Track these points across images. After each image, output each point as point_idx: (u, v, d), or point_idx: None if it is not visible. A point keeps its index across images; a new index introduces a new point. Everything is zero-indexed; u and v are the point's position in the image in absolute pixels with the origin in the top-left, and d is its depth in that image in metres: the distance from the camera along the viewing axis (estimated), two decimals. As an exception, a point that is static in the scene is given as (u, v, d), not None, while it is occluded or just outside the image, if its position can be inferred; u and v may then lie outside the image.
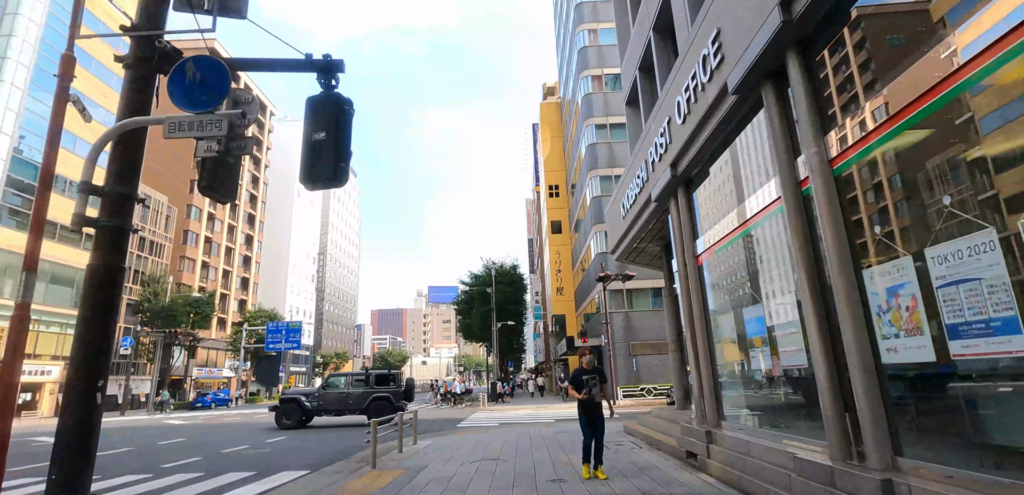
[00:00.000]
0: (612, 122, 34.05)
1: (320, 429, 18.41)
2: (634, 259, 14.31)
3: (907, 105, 3.89)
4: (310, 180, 3.89)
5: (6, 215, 35.08)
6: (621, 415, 19.86)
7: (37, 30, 36.72)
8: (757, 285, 6.69)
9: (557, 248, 47.34)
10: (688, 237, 8.62)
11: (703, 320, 8.20)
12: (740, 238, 7.13)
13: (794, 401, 6.04)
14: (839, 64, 4.82)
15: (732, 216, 7.29)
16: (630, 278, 24.81)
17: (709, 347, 8.09)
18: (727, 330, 7.67)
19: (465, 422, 19.96)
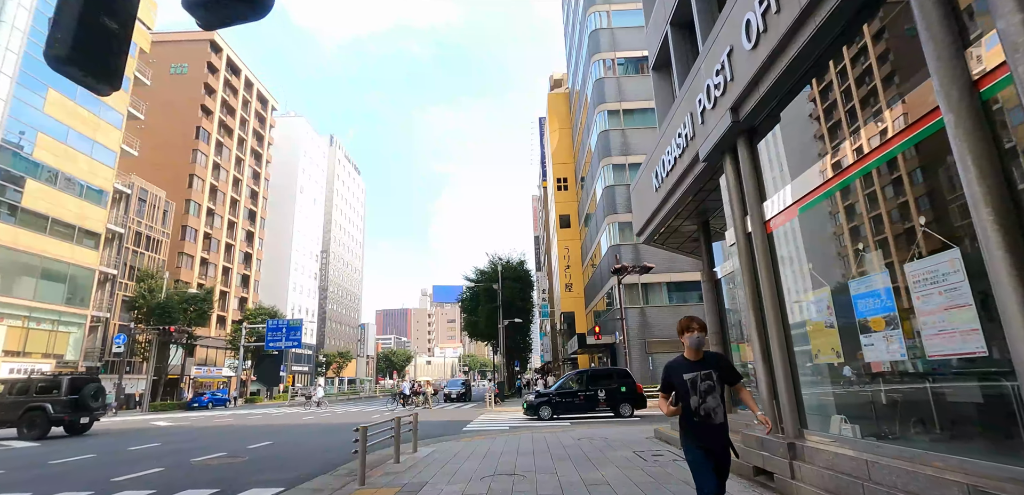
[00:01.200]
0: (626, 108, 32.30)
1: (311, 432, 16.82)
2: (664, 241, 12.59)
3: None
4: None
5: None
6: (641, 417, 18.38)
7: (27, 15, 35.39)
8: (876, 246, 4.98)
9: (566, 243, 45.61)
10: (752, 200, 6.90)
11: (777, 302, 6.47)
12: (837, 190, 5.42)
13: (951, 402, 4.33)
14: None
15: (822, 167, 5.58)
16: (648, 270, 23.10)
17: (785, 336, 6.37)
18: (815, 312, 5.94)
19: (472, 424, 18.31)
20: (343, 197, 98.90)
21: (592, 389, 19.47)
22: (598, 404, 19.13)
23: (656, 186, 10.58)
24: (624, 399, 19.16)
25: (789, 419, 6.13)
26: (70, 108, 38.65)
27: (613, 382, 19.71)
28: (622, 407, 19.10)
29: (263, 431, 17.42)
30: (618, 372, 20.51)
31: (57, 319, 37.36)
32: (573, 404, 19.29)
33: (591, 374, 20.57)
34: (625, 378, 19.81)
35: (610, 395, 19.23)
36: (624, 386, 19.46)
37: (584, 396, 19.40)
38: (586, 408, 19.30)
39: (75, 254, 38.52)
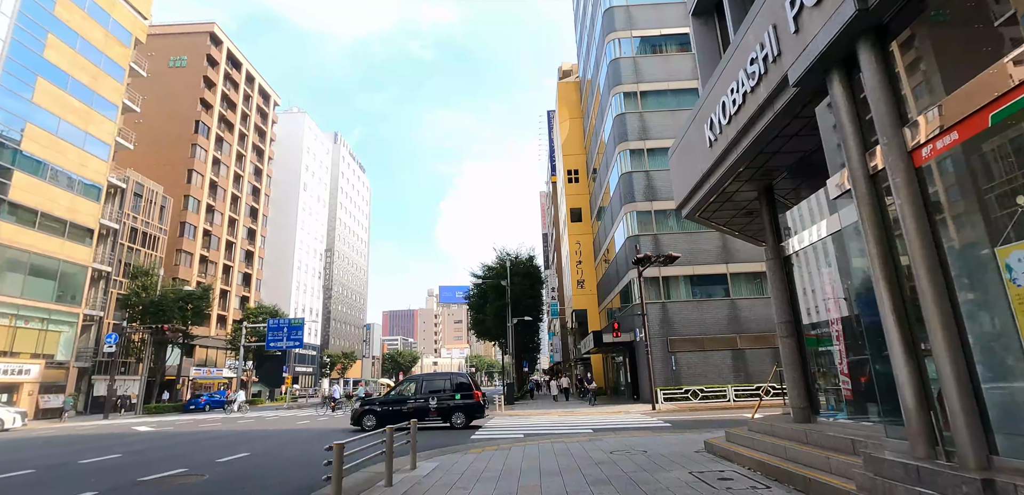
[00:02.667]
0: (643, 89, 30.18)
1: (300, 439, 14.89)
2: (711, 214, 10.53)
3: None
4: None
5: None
6: (674, 423, 16.31)
7: (13, 2, 33.85)
8: None
9: (577, 237, 43.54)
10: (886, 124, 4.82)
11: (935, 264, 4.40)
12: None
13: None
14: None
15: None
16: (673, 260, 21.00)
17: (955, 317, 4.30)
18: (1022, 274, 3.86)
19: (482, 431, 16.30)
20: (348, 195, 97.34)
21: (422, 398, 17.76)
22: (429, 413, 17.45)
23: (711, 141, 8.51)
24: (457, 409, 17.46)
25: (968, 442, 4.05)
26: (61, 98, 37.12)
27: (448, 390, 18.01)
28: (454, 417, 17.39)
29: (247, 438, 15.54)
30: (455, 378, 18.76)
31: (47, 318, 35.79)
32: (401, 413, 17.38)
33: (424, 380, 18.82)
34: (462, 386, 18.04)
35: (442, 404, 17.58)
36: (459, 394, 17.78)
37: (414, 405, 17.60)
38: (416, 416, 17.67)
39: (66, 250, 36.96)
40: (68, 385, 36.98)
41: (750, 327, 25.81)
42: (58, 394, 35.96)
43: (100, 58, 40.96)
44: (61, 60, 37.32)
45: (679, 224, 27.82)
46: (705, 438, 10.23)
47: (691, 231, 27.47)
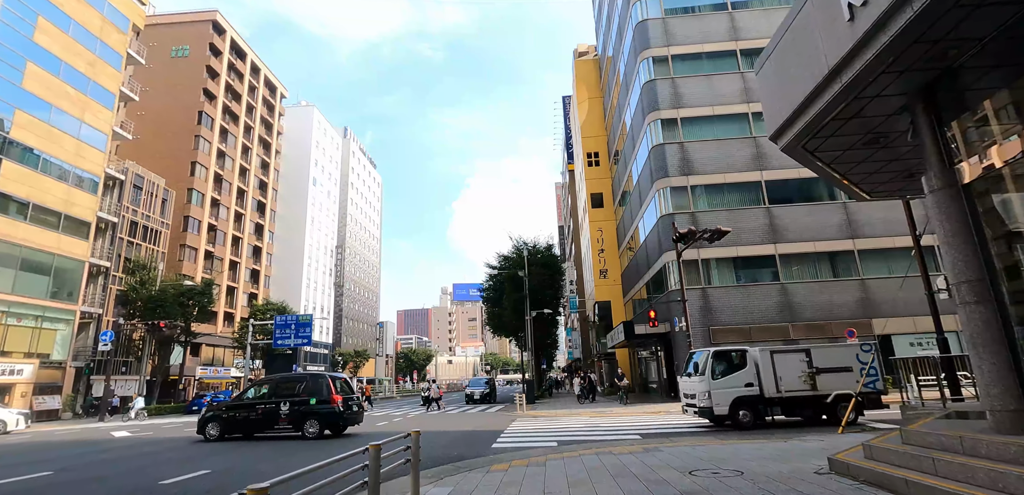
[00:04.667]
0: (675, 52, 27.20)
1: (284, 451, 12.32)
2: (824, 142, 7.67)
3: None
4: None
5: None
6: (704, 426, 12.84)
7: (0, -21, 32.01)
8: None
9: (599, 224, 40.65)
10: None
11: None
12: None
13: None
14: None
15: None
16: (721, 235, 18.06)
17: None
18: None
19: (504, 437, 13.58)
20: (359, 191, 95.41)
21: (273, 402, 15.09)
22: (278, 420, 14.91)
23: (852, 7, 5.63)
24: (311, 415, 14.72)
25: None
26: (53, 84, 35.27)
27: (301, 393, 15.21)
28: (307, 424, 14.64)
29: (220, 450, 13.05)
30: (310, 379, 15.91)
31: (41, 315, 33.96)
32: (248, 420, 15.12)
33: (277, 383, 16.13)
34: (317, 388, 15.21)
35: (294, 409, 14.84)
36: (314, 398, 14.95)
37: (263, 410, 15.09)
38: (263, 425, 15.09)
39: (61, 244, 35.13)
40: (65, 386, 35.19)
41: (804, 315, 22.73)
42: (54, 395, 34.18)
43: (96, 44, 39.10)
44: (53, 45, 35.48)
45: (715, 201, 24.79)
46: (825, 454, 7.37)
47: (733, 208, 24.46)
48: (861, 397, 13.11)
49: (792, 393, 13.35)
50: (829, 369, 13.39)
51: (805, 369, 13.40)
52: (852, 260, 23.43)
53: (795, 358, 13.55)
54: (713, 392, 13.41)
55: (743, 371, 13.57)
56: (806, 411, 13.48)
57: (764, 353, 13.64)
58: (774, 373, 13.37)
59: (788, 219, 24.07)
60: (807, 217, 24.01)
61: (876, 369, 13.45)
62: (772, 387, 13.37)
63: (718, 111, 26.07)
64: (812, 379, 13.33)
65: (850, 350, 13.78)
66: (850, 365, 13.46)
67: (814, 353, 13.56)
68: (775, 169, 24.84)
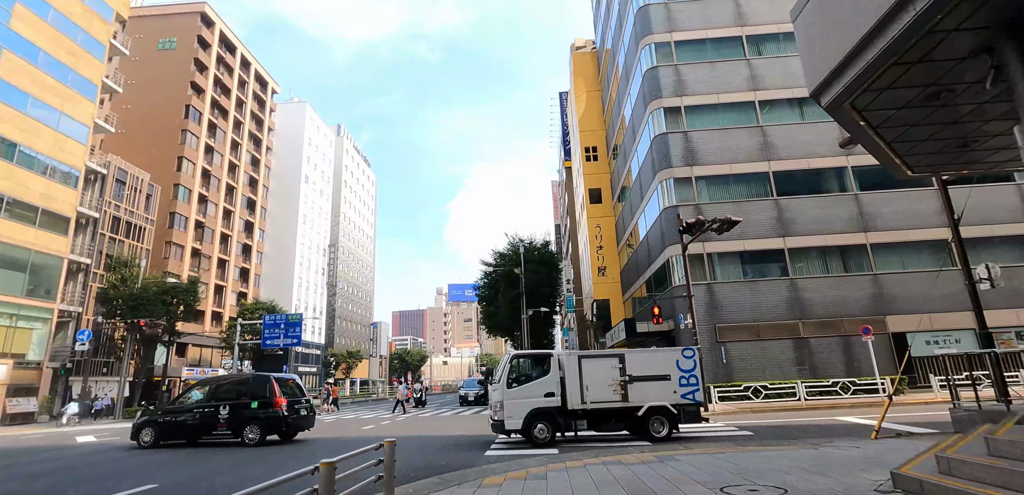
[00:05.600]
0: (678, 38, 26.11)
1: (241, 460, 11.09)
2: (876, 98, 6.50)
3: None
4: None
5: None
6: (754, 429, 10.26)
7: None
8: None
9: (597, 220, 39.52)
10: None
11: None
12: None
13: None
14: None
15: None
16: (732, 225, 16.91)
17: None
18: None
19: (498, 444, 12.34)
20: (352, 189, 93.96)
21: (212, 405, 14.04)
22: (216, 425, 13.88)
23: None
24: (251, 419, 13.71)
25: None
26: (31, 73, 33.83)
27: (242, 395, 14.19)
28: (247, 430, 13.61)
29: (176, 460, 11.79)
30: (253, 381, 14.88)
31: (16, 313, 32.49)
32: (185, 425, 14.08)
33: (218, 384, 15.04)
34: (260, 391, 14.16)
35: (234, 414, 13.81)
36: (256, 401, 13.93)
37: (200, 415, 14.02)
38: (200, 430, 13.98)
39: (39, 239, 33.68)
40: (41, 387, 33.72)
41: (814, 312, 21.64)
42: (29, 397, 32.71)
43: (77, 33, 37.66)
44: (30, 32, 34.04)
45: (721, 193, 23.69)
46: (871, 464, 6.21)
47: (740, 200, 23.36)
48: (677, 409, 11.76)
49: (599, 404, 11.84)
50: (644, 377, 11.95)
51: (617, 377, 11.93)
52: (864, 254, 22.37)
53: (607, 365, 12.09)
54: (507, 403, 11.82)
55: (544, 379, 12.05)
56: (615, 424, 12.00)
57: (571, 358, 12.22)
58: (581, 381, 11.89)
59: (797, 211, 23.01)
60: (817, 209, 22.95)
61: (698, 378, 12.09)
62: (577, 398, 11.84)
63: (723, 99, 24.99)
64: (624, 388, 11.86)
65: (670, 356, 12.32)
66: (669, 372, 12.04)
67: (629, 359, 12.11)
68: (783, 159, 23.79)
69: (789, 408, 17.14)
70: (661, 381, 11.96)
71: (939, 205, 22.55)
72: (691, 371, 12.09)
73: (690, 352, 12.32)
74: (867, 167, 23.39)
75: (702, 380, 12.35)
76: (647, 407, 11.74)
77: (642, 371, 12.00)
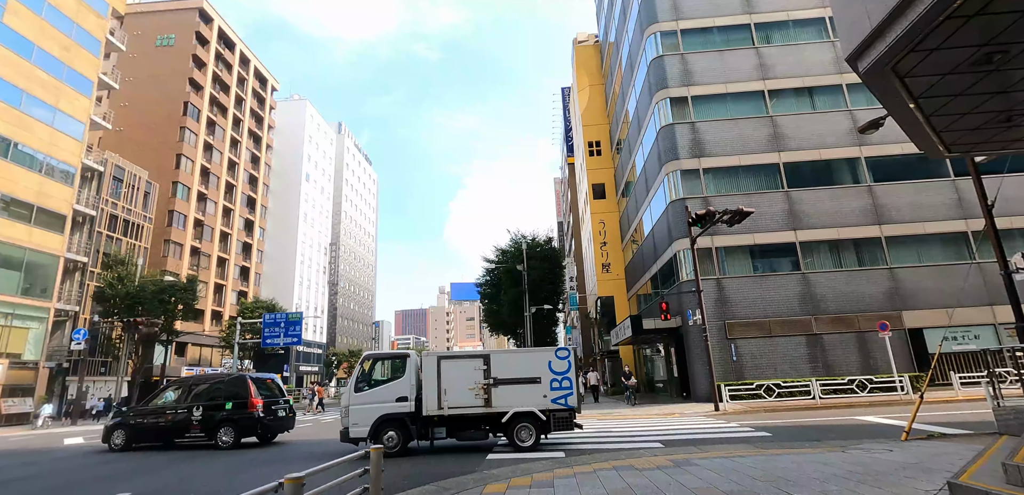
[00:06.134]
0: (685, 26, 25.37)
1: (224, 466, 10.47)
2: (924, 59, 5.80)
3: None
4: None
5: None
6: (772, 430, 9.11)
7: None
8: None
9: (601, 216, 38.82)
10: None
11: None
12: None
13: None
14: None
15: None
16: (744, 216, 16.18)
17: None
18: None
19: (501, 448, 11.65)
20: (353, 187, 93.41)
21: (185, 407, 13.78)
22: (190, 427, 13.45)
23: None
24: (226, 421, 13.28)
25: None
26: (24, 68, 33.29)
27: (217, 396, 13.76)
28: (222, 432, 13.17)
29: (151, 466, 11.18)
30: (229, 381, 14.42)
31: (11, 312, 31.98)
32: (157, 427, 13.67)
33: (193, 384, 14.52)
34: (235, 391, 13.73)
35: (207, 415, 13.39)
36: (231, 402, 13.51)
37: (172, 417, 13.58)
38: (173, 432, 13.54)
39: (33, 237, 33.16)
40: (38, 387, 33.21)
41: (827, 307, 20.91)
42: (25, 398, 32.21)
43: (72, 28, 37.11)
44: (23, 26, 33.50)
45: (730, 185, 22.97)
46: (917, 470, 5.53)
47: (749, 192, 22.64)
48: (546, 414, 10.80)
49: (459, 410, 10.86)
50: (511, 380, 10.95)
51: (480, 380, 10.94)
52: (879, 248, 21.62)
53: (470, 366, 11.10)
54: (353, 408, 10.83)
55: (398, 382, 11.09)
56: (476, 432, 11.03)
57: (431, 359, 11.17)
58: (438, 384, 10.89)
59: (809, 204, 22.27)
60: (829, 201, 22.21)
61: (572, 381, 11.05)
62: (434, 402, 10.84)
63: (731, 89, 24.25)
64: (487, 392, 10.88)
65: (542, 356, 11.25)
66: (539, 375, 10.99)
67: (494, 360, 11.12)
68: (793, 150, 23.05)
69: (804, 407, 16.43)
70: (530, 385, 10.96)
71: (956, 197, 21.83)
72: (564, 373, 11.05)
73: (565, 352, 11.29)
74: (881, 157, 22.64)
75: (576, 383, 11.13)
76: (512, 413, 10.78)
77: (509, 374, 11.01)
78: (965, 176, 21.93)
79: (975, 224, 21.32)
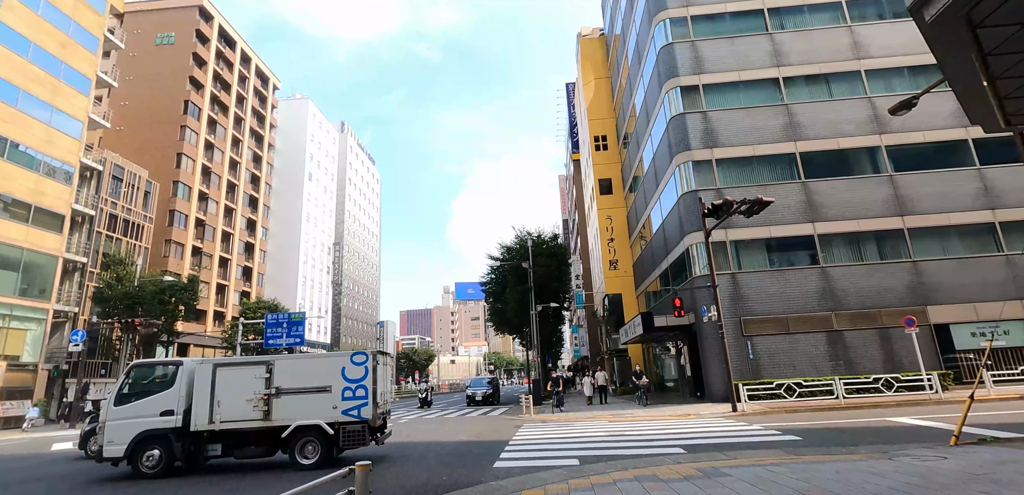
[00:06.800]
0: (694, 13, 24.48)
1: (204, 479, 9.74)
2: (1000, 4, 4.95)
3: None
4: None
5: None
6: (802, 433, 8.10)
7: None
8: None
9: (608, 212, 37.96)
10: None
11: None
12: None
13: None
14: None
15: None
16: (764, 206, 15.29)
17: None
18: None
19: (508, 451, 10.79)
20: (356, 187, 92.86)
21: None
22: None
23: None
24: None
25: None
26: (21, 66, 32.80)
27: None
28: None
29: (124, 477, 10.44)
30: None
31: (9, 314, 31.49)
32: None
33: None
34: None
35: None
36: None
37: None
38: None
39: (31, 237, 32.65)
40: (36, 390, 32.71)
41: (848, 302, 19.98)
42: (24, 400, 31.70)
43: (69, 25, 36.60)
44: (19, 23, 33.00)
45: (744, 176, 22.08)
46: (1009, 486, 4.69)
47: (765, 183, 21.74)
48: (335, 428, 9.72)
49: (234, 424, 9.75)
50: (297, 390, 9.88)
51: (261, 390, 9.88)
52: (901, 240, 20.67)
53: (250, 375, 10.02)
54: (110, 423, 9.61)
55: (165, 393, 9.91)
56: (257, 448, 9.95)
57: (205, 367, 10.06)
58: (212, 396, 9.84)
59: (827, 195, 21.35)
60: (848, 192, 21.28)
61: (367, 389, 9.95)
62: (204, 416, 9.75)
63: (744, 76, 23.35)
64: (268, 403, 9.81)
65: (335, 363, 10.20)
66: (330, 384, 9.95)
67: (279, 367, 10.07)
68: (810, 139, 22.13)
69: (827, 407, 15.56)
70: (319, 394, 9.87)
71: (982, 186, 20.87)
72: (359, 380, 9.94)
73: (362, 357, 10.15)
74: (903, 146, 21.69)
75: (373, 391, 9.96)
76: (294, 426, 9.69)
77: (295, 383, 9.92)
78: (992, 165, 20.99)
79: (1003, 215, 20.34)
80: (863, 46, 23.25)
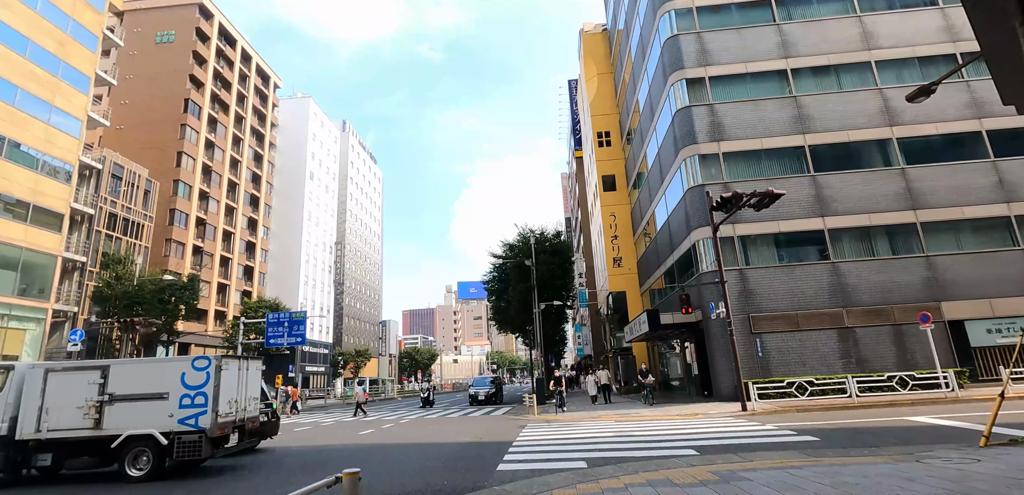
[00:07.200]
0: (700, 4, 23.99)
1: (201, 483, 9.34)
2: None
3: None
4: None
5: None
6: (820, 433, 8.60)
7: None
8: None
9: (611, 208, 37.50)
10: None
11: None
12: None
13: None
14: None
15: None
16: (774, 199, 14.82)
17: None
18: None
19: (512, 453, 10.36)
20: (358, 186, 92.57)
21: None
22: None
23: None
24: None
25: None
26: (19, 65, 32.51)
27: None
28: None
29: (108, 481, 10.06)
30: None
31: (7, 313, 31.20)
32: None
33: None
34: None
35: None
36: None
37: None
38: None
39: (29, 237, 32.37)
40: (36, 391, 32.47)
41: (860, 298, 19.49)
42: (23, 401, 31.47)
43: (67, 23, 36.30)
44: (17, 21, 32.71)
45: (751, 170, 21.59)
46: None
47: (773, 176, 21.25)
48: (170, 437, 9.12)
49: (62, 433, 9.17)
50: (131, 396, 9.31)
51: (95, 396, 9.29)
52: (914, 234, 20.16)
53: (82, 380, 9.44)
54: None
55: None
56: (91, 458, 9.36)
57: (37, 372, 9.54)
58: (42, 403, 9.24)
59: (837, 188, 20.85)
60: (859, 186, 20.77)
61: (207, 396, 9.36)
62: (32, 424, 9.17)
63: (751, 68, 22.86)
64: (99, 411, 9.22)
65: (175, 368, 9.59)
66: (167, 390, 9.38)
67: (115, 372, 9.53)
68: (819, 132, 21.63)
69: (840, 406, 15.08)
70: (154, 401, 9.30)
71: (997, 178, 20.33)
72: (200, 387, 9.34)
73: (203, 362, 9.57)
74: (915, 138, 21.17)
75: (215, 398, 9.35)
76: (125, 436, 9.09)
77: (131, 389, 9.37)
78: (1006, 157, 20.46)
79: (1019, 208, 19.81)
80: (873, 36, 22.74)
